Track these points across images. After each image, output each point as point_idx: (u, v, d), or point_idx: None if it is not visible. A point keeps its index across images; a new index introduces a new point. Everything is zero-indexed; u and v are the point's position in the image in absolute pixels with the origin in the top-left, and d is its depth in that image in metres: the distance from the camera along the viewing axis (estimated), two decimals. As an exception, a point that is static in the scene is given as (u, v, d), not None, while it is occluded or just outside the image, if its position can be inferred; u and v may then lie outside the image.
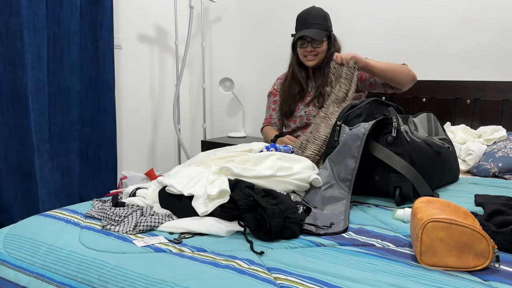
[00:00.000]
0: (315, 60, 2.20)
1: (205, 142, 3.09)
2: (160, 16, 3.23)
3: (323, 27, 2.16)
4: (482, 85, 2.39)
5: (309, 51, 2.18)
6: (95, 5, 2.61)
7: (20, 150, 2.34)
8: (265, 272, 0.98)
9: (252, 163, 1.45)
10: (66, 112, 2.53)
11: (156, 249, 1.12)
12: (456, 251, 0.98)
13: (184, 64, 3.02)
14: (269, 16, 3.14)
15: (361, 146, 1.45)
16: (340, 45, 2.26)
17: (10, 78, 2.28)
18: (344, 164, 1.47)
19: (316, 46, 2.17)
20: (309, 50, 2.18)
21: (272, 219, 1.15)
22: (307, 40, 2.17)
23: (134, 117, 3.12)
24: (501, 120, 2.34)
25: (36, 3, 2.29)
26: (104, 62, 2.66)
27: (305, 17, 2.19)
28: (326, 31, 2.18)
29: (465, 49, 2.50)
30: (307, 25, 2.17)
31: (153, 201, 1.41)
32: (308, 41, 2.17)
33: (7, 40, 2.25)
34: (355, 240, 1.17)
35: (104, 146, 2.73)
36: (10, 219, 2.35)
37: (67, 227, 1.28)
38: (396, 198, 1.47)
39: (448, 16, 2.52)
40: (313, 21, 2.16)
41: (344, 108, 1.71)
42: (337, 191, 1.44)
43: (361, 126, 1.50)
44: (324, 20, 2.18)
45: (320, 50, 2.18)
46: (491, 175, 1.93)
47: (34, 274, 1.14)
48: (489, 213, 1.22)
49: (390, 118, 1.52)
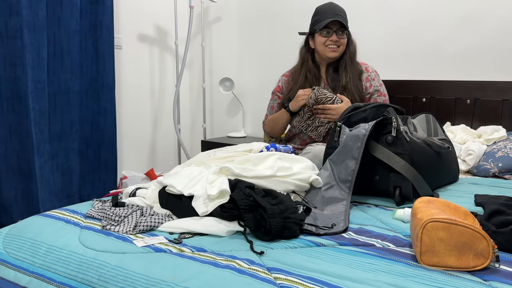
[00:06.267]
0: (337, 51, 2.14)
1: (205, 142, 3.09)
2: (160, 16, 3.23)
3: (345, 21, 2.15)
4: (482, 85, 2.39)
5: (334, 41, 2.12)
6: (95, 5, 2.61)
7: (20, 150, 2.34)
8: (265, 272, 0.98)
9: (252, 163, 1.45)
10: (66, 112, 2.53)
11: (156, 249, 1.12)
12: (456, 251, 0.98)
13: (184, 64, 3.02)
14: (269, 16, 3.14)
15: (362, 147, 1.45)
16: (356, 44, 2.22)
17: (10, 78, 2.28)
18: (344, 165, 1.47)
19: (341, 36, 2.13)
20: (334, 39, 2.12)
21: (272, 219, 1.15)
22: (333, 30, 2.12)
23: (134, 117, 3.12)
24: (501, 120, 2.34)
25: (36, 3, 2.29)
26: (104, 62, 2.66)
27: (330, 8, 2.16)
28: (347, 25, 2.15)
29: (465, 49, 2.50)
30: (333, 15, 2.12)
31: (153, 201, 1.41)
32: (334, 31, 2.12)
33: (7, 40, 2.25)
34: (355, 240, 1.17)
35: (104, 146, 2.73)
36: (10, 219, 2.35)
37: (67, 227, 1.28)
38: (396, 198, 1.47)
39: (448, 16, 2.52)
40: (338, 12, 2.14)
41: (346, 109, 1.71)
42: (337, 192, 1.44)
43: (361, 127, 1.50)
44: (345, 15, 2.17)
45: (344, 41, 2.14)
46: (491, 175, 1.93)
47: (34, 274, 1.14)
48: (489, 213, 1.22)
49: (390, 118, 1.52)
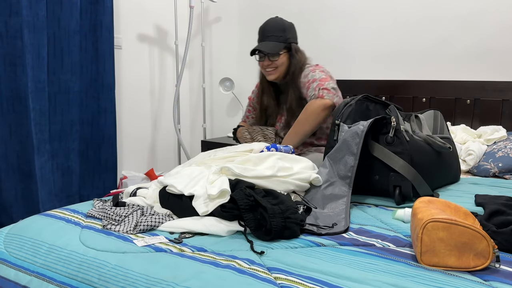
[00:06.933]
0: (276, 73, 2.11)
1: (205, 142, 3.09)
2: (160, 16, 3.23)
3: (281, 39, 2.07)
4: (482, 85, 2.39)
5: (267, 65, 2.10)
6: (95, 5, 2.61)
7: (20, 150, 2.34)
8: (265, 272, 0.98)
9: (253, 163, 1.45)
10: (66, 112, 2.53)
11: (156, 248, 1.12)
12: (456, 251, 0.98)
13: (184, 64, 3.02)
14: (269, 16, 3.14)
15: (360, 143, 1.45)
16: (305, 57, 2.16)
17: (10, 78, 2.28)
18: (343, 162, 1.47)
19: (273, 59, 2.08)
20: (266, 64, 2.10)
21: (272, 219, 1.15)
22: (264, 53, 2.08)
23: (134, 117, 3.12)
24: (501, 120, 2.34)
25: (36, 3, 2.29)
26: (104, 62, 2.66)
27: (262, 29, 2.12)
28: (284, 43, 2.08)
29: (465, 49, 2.50)
30: (263, 37, 2.10)
31: (153, 201, 1.41)
32: (265, 54, 2.08)
33: (7, 40, 2.25)
34: (355, 240, 1.17)
35: (104, 146, 2.73)
36: (10, 219, 2.35)
37: (68, 226, 1.28)
38: (396, 198, 1.47)
39: (448, 16, 2.52)
40: (269, 33, 2.08)
41: (339, 106, 1.70)
42: (337, 189, 1.43)
43: (360, 124, 1.50)
44: (282, 32, 2.08)
45: (279, 63, 2.09)
46: (491, 175, 1.93)
47: (34, 273, 1.14)
48: (489, 213, 1.22)
49: (389, 118, 1.52)
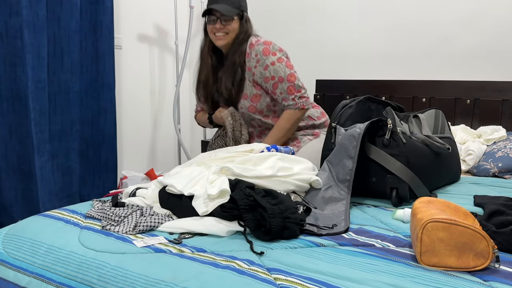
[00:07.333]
0: (225, 39, 2.03)
1: (205, 142, 3.09)
2: (160, 16, 3.23)
3: (235, 4, 2.02)
4: (482, 85, 2.39)
5: (218, 28, 2.02)
6: (95, 5, 2.61)
7: (20, 150, 2.34)
8: (265, 273, 0.98)
9: (253, 163, 1.45)
10: (66, 112, 2.53)
11: (156, 249, 1.12)
12: (456, 251, 0.98)
13: (184, 64, 3.02)
14: (269, 16, 3.14)
15: (358, 146, 1.45)
16: (252, 28, 2.09)
17: (10, 78, 2.28)
18: (342, 165, 1.47)
19: (226, 23, 2.01)
20: (218, 27, 2.01)
21: (272, 219, 1.15)
22: (217, 16, 2.01)
23: (134, 117, 3.12)
24: (501, 120, 2.34)
25: (36, 3, 2.29)
26: (104, 62, 2.66)
27: None
28: (237, 9, 2.02)
29: (465, 49, 2.50)
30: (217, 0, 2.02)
31: (153, 201, 1.41)
32: (217, 17, 2.01)
33: (7, 40, 2.25)
34: (355, 240, 1.17)
35: (104, 146, 2.73)
36: (10, 219, 2.35)
37: (67, 227, 1.28)
38: (393, 200, 1.47)
39: (448, 15, 2.52)
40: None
41: (336, 109, 1.70)
42: (337, 192, 1.44)
43: (357, 127, 1.50)
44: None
45: (231, 28, 2.02)
46: (491, 175, 1.93)
47: (33, 274, 1.14)
48: (489, 213, 1.22)
49: (385, 120, 1.52)
